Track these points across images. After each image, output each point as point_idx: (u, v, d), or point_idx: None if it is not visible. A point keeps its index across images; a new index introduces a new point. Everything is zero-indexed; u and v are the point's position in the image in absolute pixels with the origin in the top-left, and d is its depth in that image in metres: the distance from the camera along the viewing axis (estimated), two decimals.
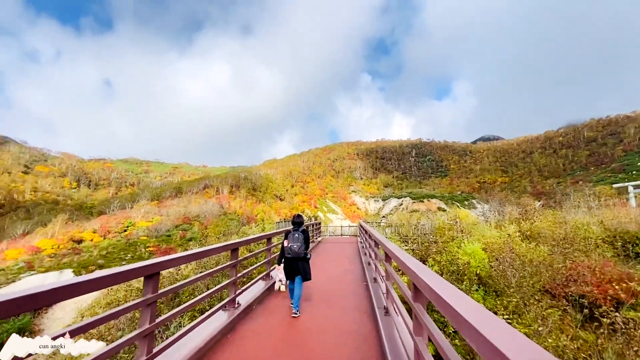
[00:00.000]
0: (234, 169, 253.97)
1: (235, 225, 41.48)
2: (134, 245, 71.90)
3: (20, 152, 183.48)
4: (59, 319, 12.49)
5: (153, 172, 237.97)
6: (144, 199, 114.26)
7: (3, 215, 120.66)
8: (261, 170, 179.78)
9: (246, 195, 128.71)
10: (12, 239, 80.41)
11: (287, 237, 5.57)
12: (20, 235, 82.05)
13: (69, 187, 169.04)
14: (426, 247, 12.96)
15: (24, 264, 59.27)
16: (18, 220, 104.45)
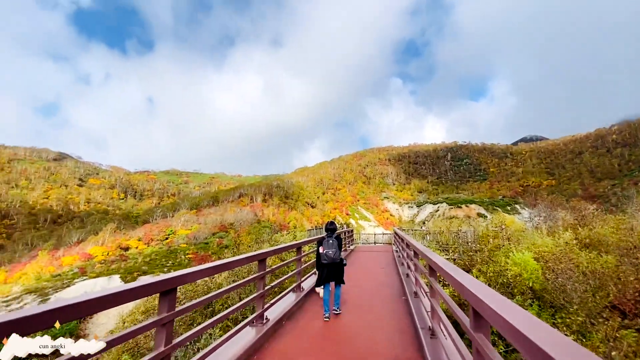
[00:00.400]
0: (266, 177, 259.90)
1: (267, 232, 41.97)
2: (174, 253, 75.37)
3: (75, 167, 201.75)
4: (103, 324, 13.08)
5: (192, 183, 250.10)
6: (184, 208, 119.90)
7: (61, 225, 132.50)
8: (292, 178, 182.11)
9: (278, 203, 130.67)
10: (68, 246, 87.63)
11: (322, 244, 5.67)
12: (75, 243, 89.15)
13: (117, 198, 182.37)
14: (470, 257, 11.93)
15: (77, 269, 64.26)
16: (73, 229, 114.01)
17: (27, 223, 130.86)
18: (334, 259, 5.53)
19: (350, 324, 4.95)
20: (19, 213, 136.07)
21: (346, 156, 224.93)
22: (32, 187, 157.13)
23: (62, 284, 55.94)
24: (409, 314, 5.30)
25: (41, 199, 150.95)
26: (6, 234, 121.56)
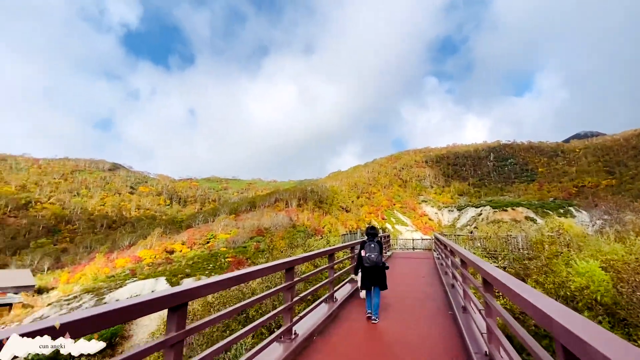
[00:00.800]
0: (301, 182, 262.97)
1: (301, 237, 41.98)
2: (215, 256, 78.30)
3: (127, 176, 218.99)
4: (146, 326, 13.58)
5: (231, 189, 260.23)
6: (223, 213, 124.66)
7: (115, 229, 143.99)
8: (326, 182, 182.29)
9: (313, 207, 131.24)
10: (121, 249, 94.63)
11: (364, 247, 5.82)
12: (126, 246, 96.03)
13: (164, 204, 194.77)
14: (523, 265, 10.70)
15: (129, 271, 69.05)
16: (125, 233, 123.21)
17: (87, 228, 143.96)
18: (376, 263, 5.67)
19: (389, 344, 4.36)
20: (80, 219, 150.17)
21: (380, 159, 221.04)
22: (90, 195, 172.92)
23: (116, 284, 60.24)
24: (458, 334, 4.60)
25: (98, 206, 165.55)
26: (69, 237, 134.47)
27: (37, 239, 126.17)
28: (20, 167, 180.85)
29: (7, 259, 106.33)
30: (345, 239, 18.31)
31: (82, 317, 1.64)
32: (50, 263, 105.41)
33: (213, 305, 9.33)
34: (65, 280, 77.75)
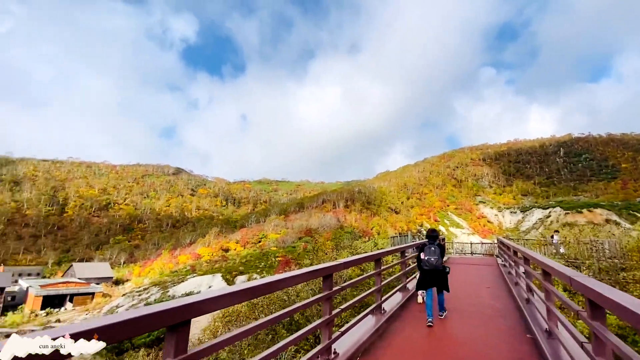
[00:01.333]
0: (348, 183, 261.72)
1: (347, 238, 41.21)
2: (266, 255, 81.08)
3: (188, 179, 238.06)
4: (198, 321, 14.02)
5: (281, 190, 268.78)
6: (274, 214, 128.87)
7: (178, 228, 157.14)
8: (374, 183, 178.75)
9: (361, 208, 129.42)
10: (183, 246, 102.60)
11: (423, 250, 5.82)
12: (187, 244, 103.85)
13: (220, 205, 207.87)
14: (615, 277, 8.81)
15: (189, 267, 74.55)
16: (187, 232, 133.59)
17: (155, 226, 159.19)
18: (436, 266, 5.63)
19: None
20: (149, 218, 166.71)
21: (432, 158, 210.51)
22: (158, 197, 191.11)
23: (178, 279, 65.25)
24: None
25: (164, 206, 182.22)
26: (141, 235, 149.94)
27: (115, 236, 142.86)
28: (102, 172, 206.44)
29: (91, 253, 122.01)
30: (394, 241, 17.22)
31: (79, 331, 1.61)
32: (126, 257, 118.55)
33: (257, 306, 9.13)
34: (137, 273, 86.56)
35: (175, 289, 58.07)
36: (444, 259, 6.56)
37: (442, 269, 5.75)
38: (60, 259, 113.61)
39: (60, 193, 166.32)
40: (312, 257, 10.85)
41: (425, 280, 5.67)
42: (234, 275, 65.22)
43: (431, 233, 6.15)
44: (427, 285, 5.63)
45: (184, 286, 59.91)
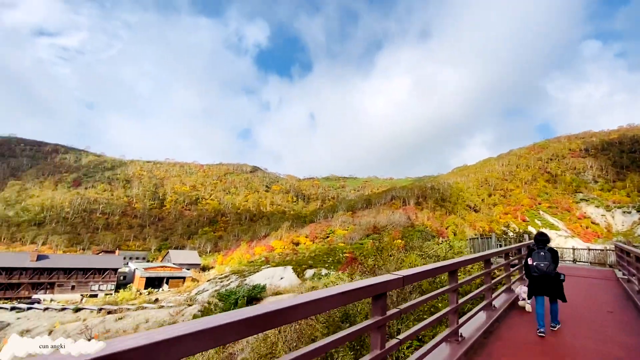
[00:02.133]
0: (419, 179, 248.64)
1: (417, 237, 38.29)
2: (334, 251, 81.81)
3: (263, 177, 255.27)
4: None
5: (348, 187, 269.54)
6: (341, 210, 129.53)
7: (255, 222, 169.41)
8: (449, 178, 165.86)
9: (434, 206, 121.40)
10: (258, 239, 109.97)
11: (531, 255, 5.58)
12: (262, 237, 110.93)
13: (291, 201, 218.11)
14: None
15: (264, 258, 79.47)
16: (262, 225, 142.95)
17: (235, 220, 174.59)
18: (547, 272, 5.30)
19: None
20: (230, 212, 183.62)
21: (519, 150, 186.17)
22: (237, 193, 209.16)
23: (254, 269, 69.99)
24: None
25: (243, 202, 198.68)
26: (224, 227, 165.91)
27: (203, 227, 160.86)
28: (192, 171, 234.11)
29: (184, 242, 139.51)
30: (474, 243, 14.91)
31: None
32: (211, 247, 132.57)
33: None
34: (220, 261, 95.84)
35: (251, 278, 62.30)
36: (557, 266, 5.46)
37: (556, 275, 5.40)
38: (160, 245, 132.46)
39: (160, 190, 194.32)
40: (376, 258, 9.89)
41: (535, 288, 5.41)
42: (303, 268, 67.17)
43: (540, 237, 5.82)
44: (536, 292, 5.39)
45: (259, 276, 63.87)
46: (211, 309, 15.70)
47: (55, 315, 22.19)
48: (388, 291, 2.40)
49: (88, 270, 59.53)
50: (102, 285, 60.37)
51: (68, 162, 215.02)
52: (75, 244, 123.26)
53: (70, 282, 57.28)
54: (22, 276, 52.56)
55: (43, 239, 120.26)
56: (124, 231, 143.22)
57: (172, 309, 18.46)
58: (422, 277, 2.77)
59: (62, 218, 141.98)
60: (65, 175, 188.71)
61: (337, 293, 1.95)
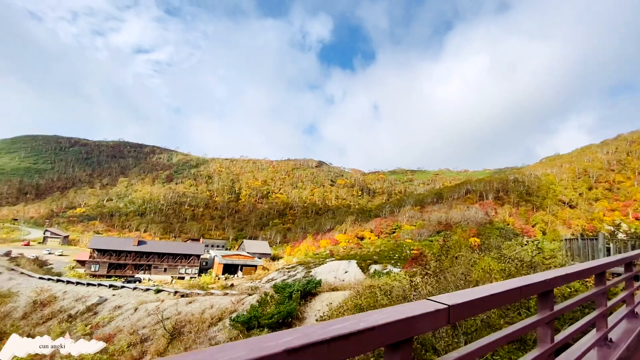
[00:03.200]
0: (499, 171, 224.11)
1: (496, 235, 33.85)
2: (400, 247, 78.71)
3: (328, 171, 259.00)
4: (318, 310, 14.11)
5: (416, 180, 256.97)
6: (408, 205, 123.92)
7: (320, 215, 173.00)
8: (537, 169, 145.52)
9: (517, 201, 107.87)
10: (323, 232, 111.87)
11: None
12: (327, 230, 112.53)
13: (356, 195, 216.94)
14: None
15: (328, 251, 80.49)
16: (328, 219, 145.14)
17: (302, 213, 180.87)
18: None
19: None
20: (298, 205, 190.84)
21: (631, 134, 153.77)
22: (304, 187, 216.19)
23: (319, 261, 71.36)
24: None
25: (309, 195, 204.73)
26: (292, 219, 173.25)
27: (273, 219, 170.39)
28: (263, 167, 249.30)
29: (257, 232, 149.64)
30: (571, 245, 12.11)
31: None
32: (280, 238, 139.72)
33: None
34: (288, 252, 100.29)
35: (316, 270, 63.65)
36: None
37: None
38: (236, 235, 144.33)
39: (236, 184, 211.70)
40: (442, 257, 8.53)
41: None
42: (368, 263, 66.07)
43: None
44: None
45: (324, 268, 64.88)
46: (267, 300, 16.03)
47: (140, 294, 25.60)
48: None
49: (176, 255, 67.76)
50: (187, 269, 68.14)
51: (162, 161, 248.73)
52: (168, 232, 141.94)
53: (163, 265, 65.95)
54: (127, 258, 62.39)
55: (144, 227, 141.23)
56: (206, 221, 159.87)
57: (234, 296, 19.50)
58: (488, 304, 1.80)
59: (158, 209, 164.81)
60: (160, 173, 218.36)
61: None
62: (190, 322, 16.13)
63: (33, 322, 21.69)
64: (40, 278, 31.93)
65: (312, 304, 14.90)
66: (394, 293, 9.09)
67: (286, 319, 11.79)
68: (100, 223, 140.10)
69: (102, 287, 29.00)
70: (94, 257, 59.61)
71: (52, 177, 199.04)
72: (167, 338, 15.19)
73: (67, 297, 25.07)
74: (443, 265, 8.09)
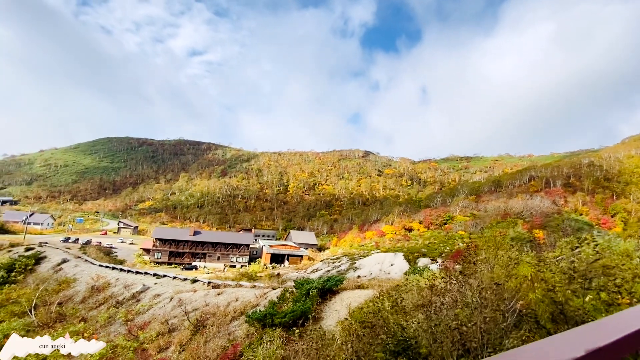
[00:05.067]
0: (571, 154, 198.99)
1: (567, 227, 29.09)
2: (452, 239, 74.04)
3: (375, 161, 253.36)
4: (337, 311, 13.42)
5: (472, 167, 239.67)
6: (462, 194, 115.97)
7: (367, 206, 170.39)
8: (618, 151, 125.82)
9: (592, 187, 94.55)
10: (370, 223, 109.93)
11: None
12: (374, 221, 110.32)
13: (405, 184, 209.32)
14: None
15: (374, 243, 78.86)
16: (374, 210, 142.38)
17: (349, 204, 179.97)
18: None
19: None
20: (344, 196, 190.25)
21: None
22: (350, 178, 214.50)
23: (364, 253, 70.27)
24: None
25: (356, 186, 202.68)
26: (338, 210, 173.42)
27: (320, 210, 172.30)
28: (310, 159, 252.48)
29: (304, 223, 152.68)
30: None
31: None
32: (327, 229, 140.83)
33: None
34: (334, 243, 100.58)
35: (360, 262, 62.78)
36: None
37: None
38: (285, 225, 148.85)
39: (284, 177, 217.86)
40: (487, 255, 7.12)
41: None
42: (416, 256, 63.30)
43: None
44: None
45: (369, 260, 63.73)
46: (286, 297, 15.71)
47: (178, 284, 27.36)
48: None
49: (228, 244, 71.84)
50: (238, 257, 71.94)
51: (218, 157, 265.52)
52: (224, 222, 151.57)
53: (217, 254, 70.42)
54: (185, 247, 67.78)
55: (203, 218, 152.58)
56: (257, 213, 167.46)
57: (258, 290, 19.67)
58: None
59: (214, 202, 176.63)
60: (216, 167, 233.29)
61: None
62: (215, 314, 16.65)
63: (89, 306, 24.59)
64: (100, 265, 36.28)
65: (332, 302, 14.24)
66: (408, 300, 8.01)
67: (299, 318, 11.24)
68: (165, 215, 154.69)
69: (147, 275, 31.86)
70: (157, 246, 65.78)
71: (126, 174, 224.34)
72: (191, 330, 15.88)
73: (118, 284, 27.99)
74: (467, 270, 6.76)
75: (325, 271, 61.61)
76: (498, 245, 8.90)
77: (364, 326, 6.61)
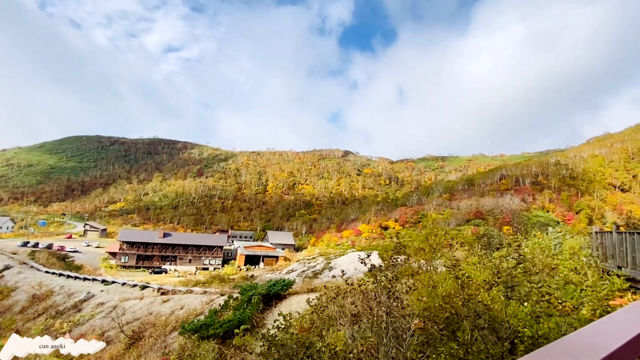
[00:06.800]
0: (540, 154, 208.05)
1: (532, 224, 29.78)
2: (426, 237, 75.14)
3: (354, 161, 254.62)
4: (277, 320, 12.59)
5: (448, 167, 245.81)
6: (437, 193, 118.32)
7: (347, 205, 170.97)
8: (583, 151, 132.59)
9: (559, 185, 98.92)
10: (348, 222, 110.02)
11: None
12: (351, 220, 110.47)
13: (384, 184, 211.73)
14: None
15: (350, 242, 78.79)
16: (353, 209, 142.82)
17: (328, 204, 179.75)
18: None
19: None
20: (324, 196, 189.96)
21: None
22: (330, 177, 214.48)
23: (340, 252, 69.93)
24: None
25: (335, 186, 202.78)
26: (318, 210, 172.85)
27: (299, 210, 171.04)
28: (289, 159, 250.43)
29: (283, 223, 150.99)
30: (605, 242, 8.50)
31: None
32: (306, 228, 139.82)
33: None
34: (312, 243, 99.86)
35: (335, 261, 62.28)
36: None
37: None
38: (264, 226, 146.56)
39: (263, 177, 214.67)
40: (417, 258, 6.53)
41: None
42: (390, 254, 63.56)
43: None
44: None
45: (344, 259, 63.31)
46: (229, 304, 14.76)
47: (126, 291, 25.68)
48: None
49: (200, 246, 69.45)
50: (211, 260, 69.69)
51: (194, 156, 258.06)
52: (199, 224, 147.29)
53: (188, 256, 67.92)
54: (154, 249, 64.88)
55: (177, 219, 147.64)
56: (235, 213, 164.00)
57: (207, 296, 18.58)
58: None
59: (190, 202, 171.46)
60: (192, 167, 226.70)
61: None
62: (155, 325, 15.40)
63: (27, 317, 22.58)
64: (46, 272, 33.68)
65: (278, 308, 13.40)
66: (330, 309, 7.32)
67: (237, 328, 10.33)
68: (137, 216, 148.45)
69: (96, 282, 29.78)
70: (124, 249, 62.57)
71: (95, 175, 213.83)
72: (125, 343, 14.54)
73: (62, 292, 25.94)
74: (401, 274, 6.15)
75: (300, 271, 60.70)
76: (438, 243, 8.39)
77: (273, 344, 5.80)
